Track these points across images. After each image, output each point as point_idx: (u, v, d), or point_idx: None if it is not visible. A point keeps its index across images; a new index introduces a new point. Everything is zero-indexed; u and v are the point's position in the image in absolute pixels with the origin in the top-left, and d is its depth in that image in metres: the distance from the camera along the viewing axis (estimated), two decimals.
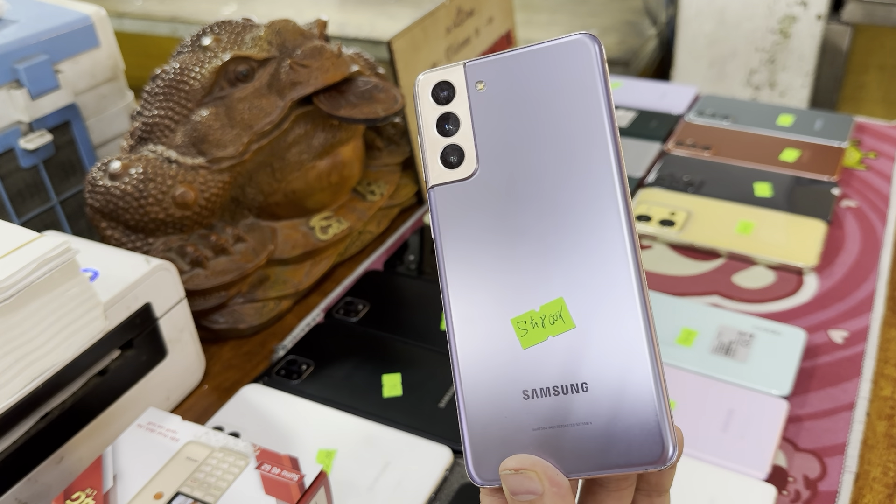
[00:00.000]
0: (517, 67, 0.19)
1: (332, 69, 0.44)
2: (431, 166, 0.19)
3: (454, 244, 0.19)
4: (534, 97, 0.19)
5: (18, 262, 0.28)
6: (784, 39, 1.11)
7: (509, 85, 0.19)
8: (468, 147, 0.19)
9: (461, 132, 0.19)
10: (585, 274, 0.18)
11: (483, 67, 0.19)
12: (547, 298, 0.18)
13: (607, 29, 1.26)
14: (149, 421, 0.31)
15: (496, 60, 0.19)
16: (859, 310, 0.43)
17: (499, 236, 0.18)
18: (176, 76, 0.44)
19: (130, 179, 0.42)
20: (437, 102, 0.19)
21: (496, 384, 0.18)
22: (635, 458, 0.17)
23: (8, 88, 0.44)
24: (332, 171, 0.47)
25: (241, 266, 0.44)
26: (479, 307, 0.18)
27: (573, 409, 0.17)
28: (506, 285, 0.18)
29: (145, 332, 0.36)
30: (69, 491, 0.28)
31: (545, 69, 0.19)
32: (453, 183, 0.19)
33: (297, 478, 0.28)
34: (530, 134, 0.19)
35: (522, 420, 0.17)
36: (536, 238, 0.18)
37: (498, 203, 0.19)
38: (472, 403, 0.18)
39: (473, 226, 0.19)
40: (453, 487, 0.34)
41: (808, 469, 0.34)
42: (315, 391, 0.39)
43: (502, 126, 0.19)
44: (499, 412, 0.18)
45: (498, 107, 0.19)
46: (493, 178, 0.19)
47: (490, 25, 0.64)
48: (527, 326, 0.18)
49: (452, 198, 0.19)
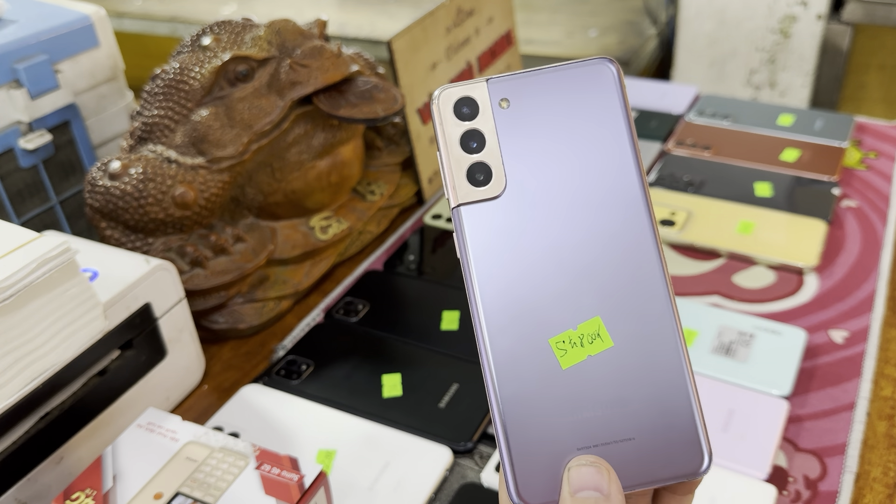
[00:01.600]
0: (540, 86, 0.19)
1: (332, 69, 0.44)
2: (458, 184, 0.19)
3: (484, 265, 0.18)
4: (557, 117, 0.19)
5: (18, 262, 0.28)
6: (784, 39, 1.11)
7: (533, 104, 0.19)
8: (496, 165, 0.19)
9: (487, 150, 0.19)
10: (619, 291, 0.18)
11: (506, 85, 0.19)
12: (584, 318, 0.18)
13: (607, 28, 1.26)
14: (148, 421, 0.31)
15: (519, 78, 0.19)
16: (860, 310, 0.43)
17: (531, 256, 0.18)
18: (176, 76, 0.43)
19: (130, 179, 0.42)
20: (459, 119, 0.19)
21: (537, 406, 0.18)
22: (677, 469, 0.17)
23: (7, 88, 0.44)
24: (331, 171, 0.47)
25: (240, 266, 0.44)
26: (515, 329, 0.18)
27: (615, 425, 0.18)
28: (541, 306, 0.18)
29: (145, 332, 0.36)
30: (69, 491, 0.28)
31: (567, 90, 0.19)
32: (482, 202, 0.19)
33: (297, 478, 0.28)
34: (556, 153, 0.19)
35: (567, 440, 0.17)
36: (568, 257, 0.18)
37: (528, 222, 0.19)
38: (514, 426, 0.18)
39: (504, 245, 0.18)
40: (453, 487, 0.34)
41: (808, 469, 0.34)
42: (315, 391, 0.39)
43: (528, 145, 0.19)
44: (541, 434, 0.17)
45: (522, 125, 0.19)
46: (523, 197, 0.19)
47: (490, 25, 0.64)
48: (566, 346, 0.18)
49: (480, 217, 0.19)
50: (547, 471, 0.17)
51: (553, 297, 0.18)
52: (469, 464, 0.35)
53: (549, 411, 0.18)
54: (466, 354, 0.41)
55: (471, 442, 0.35)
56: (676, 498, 0.19)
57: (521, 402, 0.18)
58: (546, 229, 0.18)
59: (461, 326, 0.43)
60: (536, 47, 1.21)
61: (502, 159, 0.19)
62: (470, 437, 0.35)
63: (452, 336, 0.42)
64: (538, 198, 0.19)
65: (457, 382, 0.38)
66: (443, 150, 0.19)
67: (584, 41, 1.22)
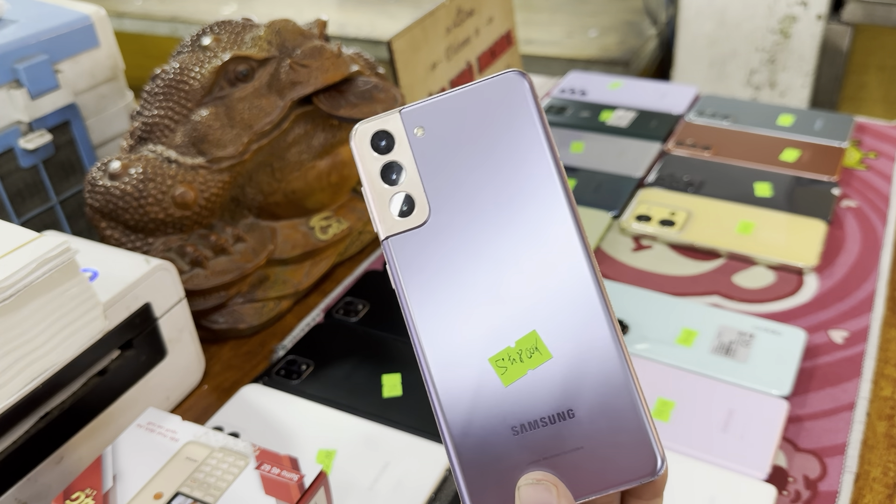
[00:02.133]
0: (453, 109, 0.19)
1: (332, 69, 0.44)
2: (382, 217, 0.19)
3: (418, 292, 0.19)
4: (474, 137, 0.19)
5: (18, 261, 0.28)
6: (784, 39, 1.11)
7: (448, 127, 0.19)
8: (418, 194, 0.19)
9: (407, 180, 0.19)
10: (553, 303, 0.18)
11: (419, 113, 0.19)
12: (520, 333, 0.18)
13: (607, 29, 1.26)
14: (148, 421, 0.31)
15: (431, 105, 0.19)
16: (859, 310, 0.43)
17: (462, 279, 0.19)
18: (176, 76, 0.44)
19: (130, 179, 0.42)
20: (377, 152, 0.19)
21: (484, 426, 0.18)
22: (630, 473, 0.17)
23: (8, 88, 0.44)
24: (331, 171, 0.47)
25: (240, 266, 0.44)
26: (455, 352, 0.18)
27: (563, 436, 0.18)
28: (477, 326, 0.18)
29: (145, 332, 0.36)
30: (69, 491, 0.28)
31: (480, 108, 0.19)
32: (408, 231, 0.19)
33: (297, 478, 0.28)
34: (476, 173, 0.19)
35: (516, 456, 0.18)
36: (499, 276, 0.18)
37: (456, 246, 0.19)
38: (464, 447, 0.18)
39: (435, 272, 0.19)
40: (453, 488, 0.34)
41: (808, 469, 0.34)
42: (315, 391, 0.39)
43: (447, 169, 0.19)
44: (492, 453, 0.18)
45: (440, 150, 0.19)
46: (448, 223, 0.19)
47: (490, 25, 0.64)
48: (505, 364, 0.18)
49: (409, 246, 0.19)
50: (499, 487, 0.17)
51: (488, 318, 0.18)
52: None
53: (496, 429, 0.18)
54: None
55: None
56: (642, 503, 0.19)
57: (467, 423, 0.18)
58: (474, 251, 0.19)
59: None
60: (536, 47, 1.21)
61: (423, 188, 0.19)
62: None
63: None
64: (463, 221, 0.19)
65: None
66: (366, 185, 0.19)
67: (584, 41, 1.22)
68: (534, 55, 1.19)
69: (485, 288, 0.18)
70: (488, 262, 0.19)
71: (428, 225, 0.19)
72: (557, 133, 0.64)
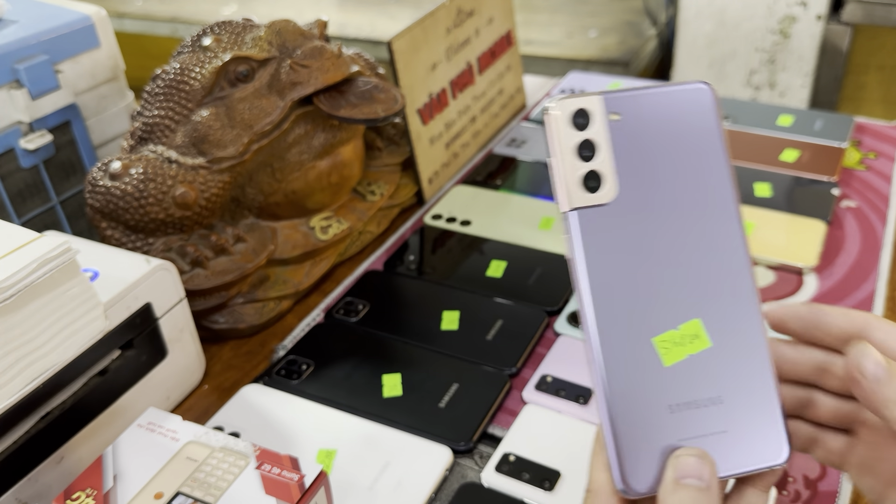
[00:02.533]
0: (648, 104, 0.21)
1: (333, 69, 0.44)
2: (571, 190, 0.20)
3: (595, 266, 0.20)
4: (663, 133, 0.21)
5: (19, 262, 0.28)
6: (784, 40, 1.11)
7: (641, 119, 0.21)
8: (608, 173, 0.20)
9: (600, 158, 0.20)
10: (717, 296, 0.20)
11: (619, 101, 0.21)
12: (685, 319, 0.20)
13: (607, 29, 1.26)
14: (149, 421, 0.31)
15: (630, 96, 0.21)
16: (859, 310, 0.43)
17: (639, 260, 0.20)
18: (176, 76, 0.44)
19: (131, 179, 0.42)
20: (576, 128, 0.20)
21: (643, 400, 0.20)
22: (762, 459, 0.20)
23: (8, 88, 0.44)
24: (332, 172, 0.48)
25: (241, 266, 0.44)
26: (622, 327, 0.20)
27: (711, 419, 0.20)
28: (646, 307, 0.20)
29: (145, 332, 0.36)
30: (69, 491, 0.28)
31: (671, 108, 0.21)
32: (593, 207, 0.20)
33: (298, 478, 0.28)
34: (662, 167, 0.21)
35: (669, 432, 0.19)
36: (673, 263, 0.20)
37: (637, 228, 0.20)
38: (620, 418, 0.19)
39: (614, 249, 0.20)
40: (453, 487, 0.34)
41: (807, 469, 0.34)
42: (315, 391, 0.39)
43: (637, 156, 0.21)
44: (647, 426, 0.19)
45: (632, 138, 0.21)
46: (632, 204, 0.20)
47: (490, 26, 0.64)
48: (668, 345, 0.20)
49: (592, 221, 0.20)
50: (649, 460, 0.19)
51: (657, 300, 0.20)
52: (469, 463, 0.35)
53: (654, 404, 0.19)
54: (466, 354, 0.41)
55: (470, 442, 0.35)
56: (757, 492, 0.20)
57: (627, 397, 0.19)
58: (653, 236, 0.20)
59: (461, 326, 0.43)
60: (536, 48, 1.21)
61: (615, 168, 0.20)
62: (470, 436, 0.36)
63: (452, 336, 0.42)
64: (646, 206, 0.20)
65: (457, 382, 0.39)
66: (557, 157, 0.20)
67: (584, 42, 1.23)
68: (534, 55, 1.19)
69: (657, 272, 0.20)
70: (663, 249, 0.20)
71: (614, 204, 0.20)
72: None
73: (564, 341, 0.41)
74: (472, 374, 0.39)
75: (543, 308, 0.44)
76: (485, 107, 0.65)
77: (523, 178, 0.58)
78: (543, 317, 0.43)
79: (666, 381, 0.19)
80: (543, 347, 0.42)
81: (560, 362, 0.39)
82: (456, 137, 0.60)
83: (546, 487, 0.33)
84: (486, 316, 0.43)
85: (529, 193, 0.56)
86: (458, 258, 0.49)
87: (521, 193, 0.56)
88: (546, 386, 0.38)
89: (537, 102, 0.71)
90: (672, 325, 0.20)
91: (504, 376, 0.39)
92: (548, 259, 0.48)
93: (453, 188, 0.57)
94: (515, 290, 0.46)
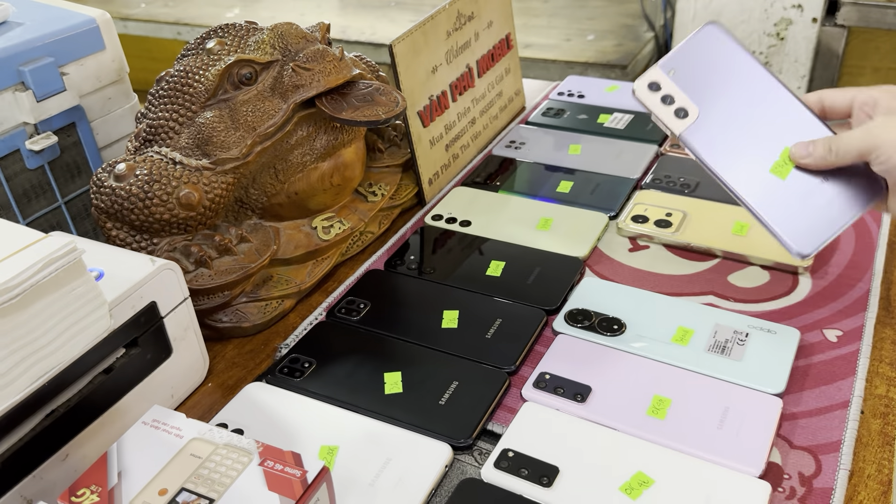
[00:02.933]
0: (686, 54, 0.37)
1: (335, 72, 0.44)
2: (673, 125, 0.37)
3: (712, 154, 0.37)
4: (707, 64, 0.37)
5: (25, 261, 0.29)
6: (779, 42, 1.12)
7: (688, 63, 0.37)
8: (687, 104, 0.37)
9: (679, 99, 0.37)
10: (792, 132, 0.37)
11: (668, 62, 0.37)
12: (780, 150, 0.37)
13: (605, 33, 1.27)
14: (153, 418, 0.32)
15: (672, 56, 0.37)
16: (853, 309, 0.44)
17: (734, 136, 0.37)
18: (180, 79, 0.44)
19: (136, 181, 0.42)
20: (653, 91, 0.37)
21: (774, 194, 0.36)
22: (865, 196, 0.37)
23: (14, 90, 0.45)
24: (334, 173, 0.48)
25: (244, 266, 0.44)
26: (747, 173, 0.37)
27: (822, 179, 0.37)
28: (753, 158, 0.37)
29: (150, 330, 0.37)
30: (74, 487, 0.29)
31: (703, 47, 0.37)
32: (692, 126, 0.37)
33: (300, 474, 0.29)
34: (717, 84, 0.37)
35: (794, 196, 0.37)
36: (756, 126, 0.37)
37: (723, 122, 0.37)
38: (768, 211, 0.36)
39: (716, 139, 0.37)
40: (453, 483, 0.34)
41: (803, 466, 0.34)
42: (317, 389, 0.39)
43: (698, 86, 0.37)
44: (783, 202, 0.36)
45: (689, 77, 0.37)
46: (712, 114, 0.37)
47: (489, 29, 0.65)
48: (779, 169, 0.36)
49: (695, 133, 0.37)
50: (805, 223, 0.36)
51: (757, 151, 0.37)
52: (469, 460, 0.36)
53: (780, 190, 0.36)
54: (466, 353, 0.41)
55: (470, 438, 0.36)
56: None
57: (765, 197, 0.36)
58: (734, 120, 0.36)
59: (461, 325, 0.43)
60: (535, 51, 1.22)
61: (689, 100, 0.37)
62: (469, 433, 0.36)
63: (453, 334, 0.43)
64: (719, 110, 0.37)
65: (456, 380, 0.39)
66: (655, 113, 0.37)
67: (582, 45, 1.23)
68: (532, 59, 1.19)
69: (750, 137, 0.36)
70: (746, 123, 0.36)
71: (701, 117, 0.37)
72: (555, 135, 0.65)
73: (563, 340, 0.42)
74: (472, 373, 0.40)
75: (542, 307, 0.44)
76: (484, 109, 0.65)
77: (522, 180, 0.58)
78: (542, 316, 0.44)
79: (786, 185, 0.36)
80: (542, 346, 0.42)
81: (558, 360, 0.40)
82: (456, 139, 0.61)
83: (544, 483, 0.33)
84: (486, 315, 0.44)
85: (528, 194, 0.56)
86: (458, 258, 0.50)
87: (520, 194, 0.56)
88: (544, 384, 0.38)
89: (536, 105, 0.72)
90: (776, 157, 0.36)
91: (503, 374, 0.39)
92: (546, 259, 0.49)
93: (453, 189, 0.58)
94: (514, 289, 0.46)
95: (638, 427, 0.35)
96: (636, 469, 0.33)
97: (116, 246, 0.42)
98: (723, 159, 0.36)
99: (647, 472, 0.33)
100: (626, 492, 0.32)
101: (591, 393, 0.38)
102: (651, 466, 0.33)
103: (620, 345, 0.41)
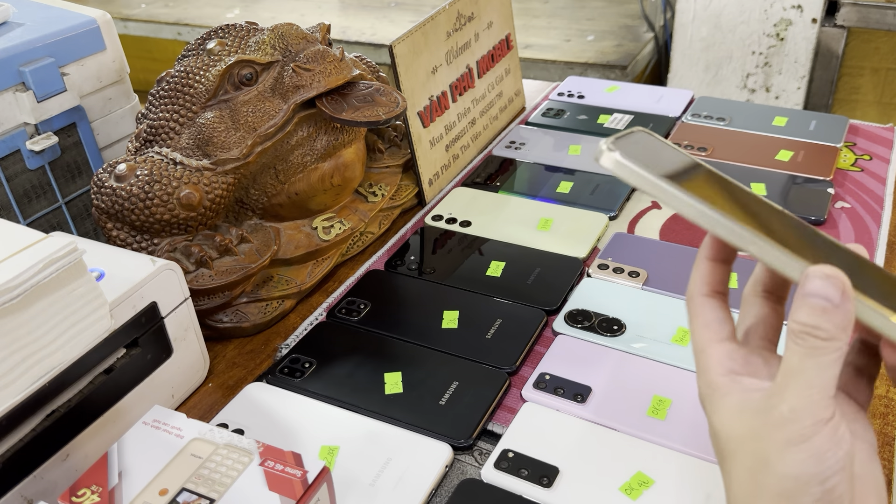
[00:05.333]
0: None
1: (335, 73, 0.44)
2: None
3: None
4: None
5: (26, 261, 0.29)
6: (779, 43, 1.12)
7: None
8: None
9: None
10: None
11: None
12: None
13: (605, 33, 1.27)
14: (154, 418, 0.32)
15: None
16: None
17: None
18: (181, 79, 0.44)
19: (136, 181, 0.42)
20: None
21: None
22: None
23: (14, 91, 0.45)
24: (334, 173, 0.48)
25: (245, 266, 0.44)
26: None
27: None
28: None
29: (151, 330, 0.37)
30: (75, 487, 0.29)
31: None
32: None
33: (301, 474, 0.29)
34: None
35: None
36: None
37: None
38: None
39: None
40: (453, 483, 0.34)
41: None
42: (318, 389, 0.39)
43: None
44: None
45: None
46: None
47: (489, 30, 0.65)
48: None
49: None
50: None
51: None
52: (469, 460, 0.36)
53: None
54: (466, 353, 0.41)
55: (470, 439, 0.36)
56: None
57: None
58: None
59: (461, 325, 0.43)
60: (535, 52, 1.22)
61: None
62: (470, 434, 0.36)
63: (453, 335, 0.43)
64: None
65: (457, 380, 0.39)
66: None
67: (582, 46, 1.23)
68: (532, 59, 1.20)
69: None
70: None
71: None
72: (555, 136, 0.65)
73: (563, 340, 0.42)
74: (472, 373, 0.40)
75: (542, 307, 0.44)
76: (484, 109, 0.65)
77: (522, 180, 0.59)
78: (542, 316, 0.44)
79: None
80: (542, 346, 0.42)
81: (558, 361, 0.40)
82: (456, 140, 0.61)
83: (544, 484, 0.33)
84: (486, 315, 0.44)
85: (528, 195, 0.56)
86: (458, 258, 0.50)
87: (519, 195, 0.56)
88: (544, 384, 0.38)
89: (536, 105, 0.72)
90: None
91: (503, 375, 0.40)
92: (546, 259, 0.49)
93: (453, 189, 0.58)
94: (514, 289, 0.46)
95: (638, 427, 0.36)
96: (636, 469, 0.33)
97: (117, 246, 0.42)
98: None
99: (646, 472, 0.33)
100: (625, 492, 0.32)
101: (591, 393, 0.38)
102: (651, 466, 0.33)
103: (620, 345, 0.41)
